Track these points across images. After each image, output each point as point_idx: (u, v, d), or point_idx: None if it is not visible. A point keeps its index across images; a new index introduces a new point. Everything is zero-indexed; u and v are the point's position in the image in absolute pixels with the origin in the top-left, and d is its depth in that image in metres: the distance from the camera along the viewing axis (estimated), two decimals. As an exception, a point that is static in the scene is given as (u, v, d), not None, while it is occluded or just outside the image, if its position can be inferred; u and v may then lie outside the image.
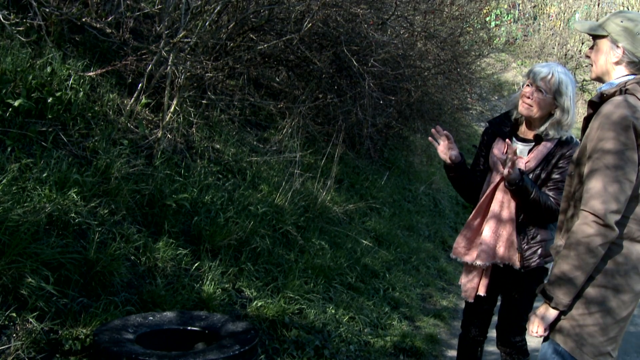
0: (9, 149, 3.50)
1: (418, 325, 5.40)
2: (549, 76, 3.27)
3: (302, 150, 6.39)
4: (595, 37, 2.69)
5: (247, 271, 4.39)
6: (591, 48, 2.73)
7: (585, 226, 2.44)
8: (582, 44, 27.24)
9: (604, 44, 2.65)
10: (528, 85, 3.34)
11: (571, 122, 3.31)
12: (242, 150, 5.73)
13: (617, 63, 2.64)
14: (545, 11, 27.56)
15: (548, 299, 2.57)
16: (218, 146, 5.43)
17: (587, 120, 2.67)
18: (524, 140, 3.44)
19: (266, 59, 7.13)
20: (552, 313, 2.59)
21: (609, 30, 2.63)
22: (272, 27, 6.51)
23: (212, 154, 5.23)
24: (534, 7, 27.34)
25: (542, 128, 3.35)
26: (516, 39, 25.35)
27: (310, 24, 6.08)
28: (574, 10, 27.88)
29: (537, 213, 3.32)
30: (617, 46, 2.61)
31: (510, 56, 22.77)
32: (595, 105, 2.63)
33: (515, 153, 3.18)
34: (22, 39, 3.99)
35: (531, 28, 26.62)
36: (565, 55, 27.09)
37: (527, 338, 3.68)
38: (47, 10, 4.36)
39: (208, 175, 4.91)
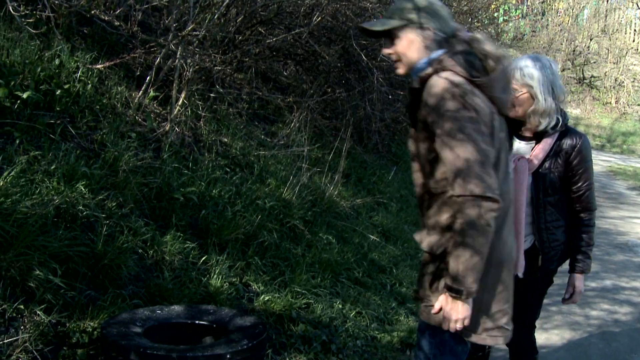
0: (17, 141, 3.50)
1: (425, 321, 5.38)
2: (514, 74, 3.28)
3: (310, 145, 6.37)
4: (393, 32, 2.56)
5: (255, 265, 4.38)
6: (388, 46, 2.61)
7: None
8: (590, 40, 27.16)
9: (408, 33, 2.53)
10: None
11: (546, 109, 3.27)
12: (249, 144, 5.72)
13: (427, 45, 2.54)
14: (553, 7, 27.45)
15: None
16: (226, 140, 5.42)
17: None
18: (525, 139, 3.43)
19: (275, 53, 7.12)
20: None
21: (409, 17, 2.52)
22: (280, 20, 6.50)
23: (219, 148, 5.22)
24: (542, 2, 27.23)
25: (541, 126, 3.35)
26: (524, 35, 25.25)
27: (319, 18, 6.06)
28: (583, 6, 27.76)
29: None
30: (425, 28, 2.51)
31: (518, 52, 22.65)
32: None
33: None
34: (31, 30, 3.98)
35: (539, 24, 26.53)
36: (574, 51, 26.98)
37: (535, 335, 3.67)
38: (57, 2, 4.35)
39: (216, 168, 4.90)
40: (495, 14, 15.28)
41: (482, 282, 2.42)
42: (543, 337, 5.17)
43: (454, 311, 2.42)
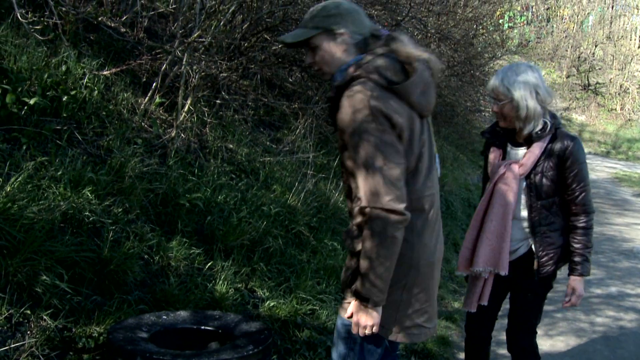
0: (24, 147, 3.52)
1: (430, 328, 5.37)
2: (494, 86, 3.33)
3: (315, 151, 6.38)
4: (311, 42, 2.53)
5: (260, 271, 4.39)
6: (309, 56, 2.56)
7: None
8: (595, 46, 27.17)
9: (325, 40, 2.50)
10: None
11: (529, 114, 3.28)
12: (255, 151, 5.73)
13: (345, 50, 2.51)
14: (558, 13, 27.51)
15: None
16: (231, 146, 5.44)
17: None
18: (519, 145, 3.45)
19: (280, 59, 7.14)
20: None
21: (322, 25, 2.49)
22: (286, 27, 6.51)
23: (225, 154, 5.24)
24: (547, 9, 27.27)
25: (526, 130, 3.36)
26: (529, 41, 25.28)
27: (324, 25, 6.07)
28: (588, 13, 27.79)
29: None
30: (339, 32, 2.48)
31: (523, 58, 22.68)
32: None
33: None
34: (39, 37, 4.01)
35: (544, 30, 26.57)
36: (579, 57, 26.99)
37: (538, 341, 3.67)
38: (64, 9, 4.38)
39: (221, 175, 4.92)
40: (500, 21, 15.30)
41: (400, 283, 2.46)
42: (548, 343, 5.16)
43: (362, 318, 2.42)
